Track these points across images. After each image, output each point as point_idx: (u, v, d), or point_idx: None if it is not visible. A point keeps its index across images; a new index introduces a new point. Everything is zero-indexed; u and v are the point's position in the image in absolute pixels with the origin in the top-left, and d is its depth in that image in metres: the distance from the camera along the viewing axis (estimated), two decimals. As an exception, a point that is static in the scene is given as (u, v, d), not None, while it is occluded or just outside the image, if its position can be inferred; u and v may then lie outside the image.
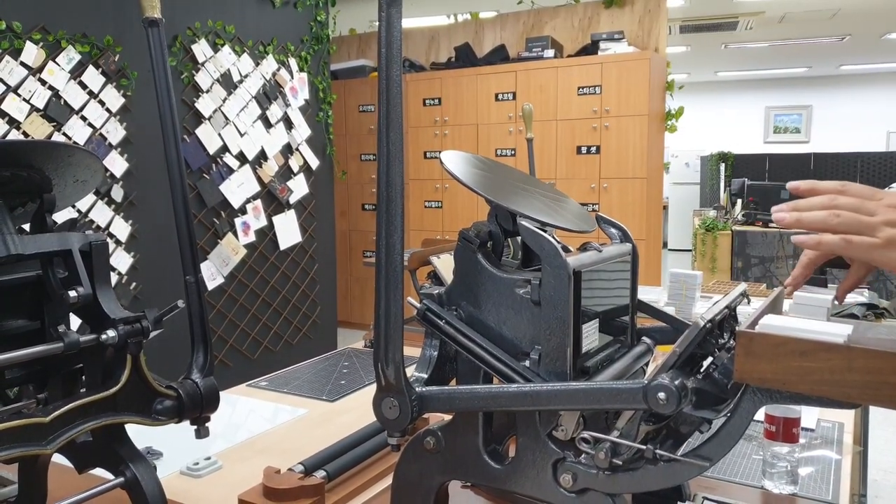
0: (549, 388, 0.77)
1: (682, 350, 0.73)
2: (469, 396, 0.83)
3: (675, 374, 0.71)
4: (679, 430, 0.80)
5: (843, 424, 1.33)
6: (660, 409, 0.70)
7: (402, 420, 0.82)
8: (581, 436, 0.79)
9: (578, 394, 0.76)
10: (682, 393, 0.69)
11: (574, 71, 4.71)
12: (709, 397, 0.74)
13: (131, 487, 0.82)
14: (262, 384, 1.64)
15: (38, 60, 2.74)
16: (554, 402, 0.77)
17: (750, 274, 5.53)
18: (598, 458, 0.77)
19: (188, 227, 0.92)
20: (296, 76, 3.95)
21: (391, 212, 0.78)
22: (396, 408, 0.82)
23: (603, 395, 0.75)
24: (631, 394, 0.72)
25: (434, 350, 0.91)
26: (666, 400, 0.70)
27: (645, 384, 0.71)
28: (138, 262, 3.13)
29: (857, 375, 0.63)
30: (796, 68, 10.23)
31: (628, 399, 0.73)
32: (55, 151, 0.82)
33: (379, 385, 0.83)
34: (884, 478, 3.13)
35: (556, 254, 0.79)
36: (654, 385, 0.70)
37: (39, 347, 0.79)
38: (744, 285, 0.92)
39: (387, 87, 0.76)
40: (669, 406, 0.70)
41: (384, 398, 0.83)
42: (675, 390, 0.69)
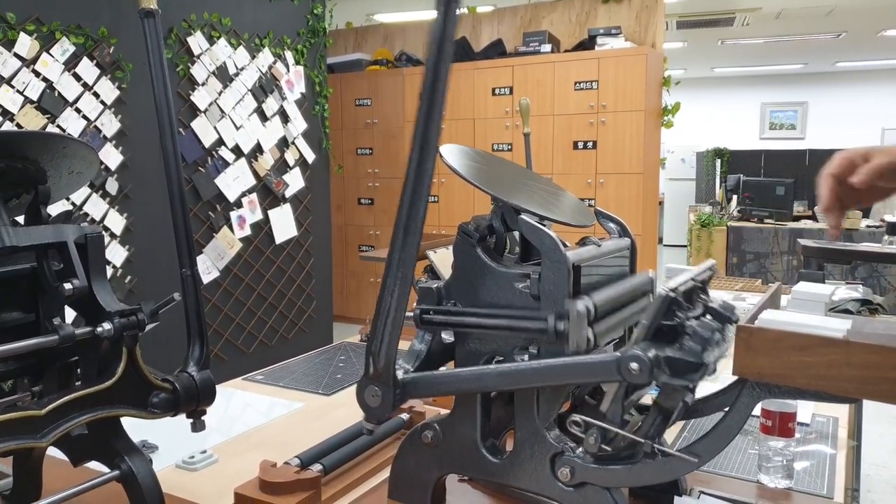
0: (528, 366, 0.78)
1: (650, 322, 0.74)
2: (451, 379, 0.83)
3: (647, 346, 0.72)
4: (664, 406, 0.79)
5: (838, 419, 1.33)
6: (633, 379, 0.71)
7: (383, 409, 0.83)
8: (572, 418, 0.79)
9: (556, 369, 0.77)
10: (654, 363, 0.70)
11: (571, 66, 4.70)
12: (683, 365, 0.73)
13: (127, 481, 0.82)
14: (257, 378, 1.64)
15: (31, 52, 2.72)
16: (533, 380, 0.79)
17: (745, 269, 5.55)
18: (587, 443, 0.78)
19: (184, 220, 0.92)
20: (292, 69, 3.93)
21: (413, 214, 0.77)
22: (379, 397, 0.83)
23: (579, 370, 0.76)
24: (605, 366, 0.73)
25: (424, 345, 0.91)
26: (639, 370, 0.71)
27: (618, 356, 0.72)
28: (133, 255, 3.12)
29: (856, 370, 0.63)
30: (792, 65, 10.24)
31: (603, 372, 0.74)
32: (50, 142, 0.81)
33: (366, 372, 0.83)
34: (876, 472, 3.15)
35: (556, 248, 0.79)
36: (627, 356, 0.71)
37: (34, 340, 0.78)
38: (712, 261, 0.92)
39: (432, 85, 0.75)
40: (642, 376, 0.71)
41: (368, 385, 0.83)
42: (648, 361, 0.70)
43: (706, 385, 1.55)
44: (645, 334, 0.74)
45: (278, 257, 3.90)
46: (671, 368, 0.71)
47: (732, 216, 5.97)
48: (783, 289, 0.93)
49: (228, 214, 3.58)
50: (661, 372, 0.71)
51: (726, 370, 1.66)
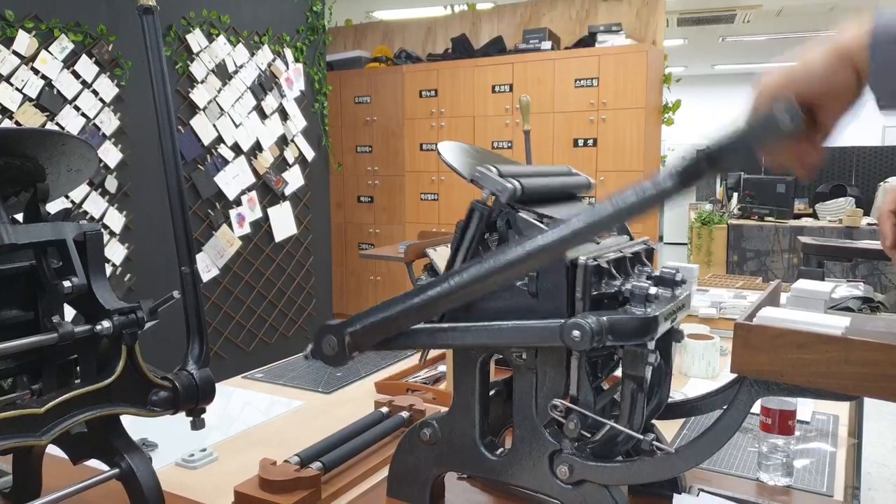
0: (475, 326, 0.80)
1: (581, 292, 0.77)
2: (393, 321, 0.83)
3: (586, 314, 0.74)
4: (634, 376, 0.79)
5: (839, 417, 1.33)
6: (576, 346, 0.73)
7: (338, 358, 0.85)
8: (552, 402, 0.80)
9: (502, 330, 0.78)
10: (594, 329, 0.71)
11: (571, 63, 4.69)
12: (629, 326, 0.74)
13: (126, 479, 0.82)
14: (257, 376, 1.64)
15: (30, 49, 2.71)
16: (479, 338, 0.80)
17: (745, 268, 5.55)
18: (567, 428, 0.79)
19: (184, 218, 0.91)
20: (291, 67, 3.93)
21: None
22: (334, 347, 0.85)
23: (524, 333, 0.77)
24: (549, 331, 0.75)
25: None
26: (580, 337, 0.72)
27: (562, 322, 0.74)
28: (133, 253, 3.12)
29: (855, 367, 0.63)
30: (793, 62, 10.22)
31: (546, 336, 0.75)
32: (48, 140, 0.81)
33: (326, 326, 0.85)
34: (877, 470, 3.15)
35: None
36: (570, 323, 0.73)
37: (33, 338, 0.78)
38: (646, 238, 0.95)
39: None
40: (584, 342, 0.72)
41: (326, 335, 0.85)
42: (589, 327, 0.71)
43: (705, 384, 1.54)
44: (582, 305, 0.76)
45: (278, 255, 3.90)
46: (617, 332, 0.73)
47: (733, 214, 5.96)
48: (783, 286, 0.93)
49: (228, 212, 3.58)
50: (605, 337, 0.72)
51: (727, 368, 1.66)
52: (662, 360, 0.85)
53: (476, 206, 0.84)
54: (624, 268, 0.85)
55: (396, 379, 1.54)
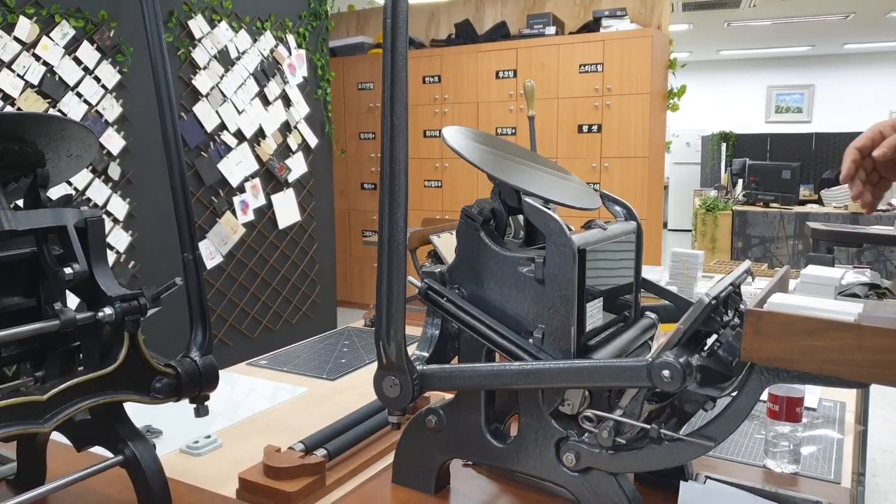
0: (552, 366, 0.77)
1: (686, 327, 0.72)
2: (471, 374, 0.82)
3: (679, 352, 0.70)
4: (683, 409, 0.80)
5: (845, 404, 1.32)
6: (664, 386, 0.70)
7: (403, 399, 0.82)
8: (584, 414, 0.78)
9: (582, 372, 0.75)
10: (686, 371, 0.69)
11: (576, 48, 4.66)
12: (713, 375, 0.73)
13: (130, 466, 0.81)
14: (261, 363, 1.64)
15: (31, 35, 2.69)
16: (557, 381, 0.77)
17: (750, 254, 5.53)
18: (601, 436, 0.77)
19: (186, 204, 0.91)
20: (294, 53, 3.90)
21: (395, 189, 0.76)
22: (398, 386, 0.81)
23: (607, 374, 0.74)
24: (635, 372, 0.72)
25: (436, 329, 0.90)
26: (671, 377, 0.69)
27: (649, 362, 0.70)
28: (136, 240, 3.11)
29: (867, 354, 0.62)
30: (799, 47, 10.13)
31: (632, 377, 0.72)
32: (48, 125, 0.80)
33: (380, 363, 0.82)
34: (882, 457, 3.15)
35: (561, 231, 0.78)
36: (659, 363, 0.70)
37: (35, 325, 0.77)
38: (748, 263, 0.91)
39: (392, 60, 0.74)
40: (674, 384, 0.69)
41: (385, 376, 0.82)
42: (680, 368, 0.69)
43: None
44: (679, 339, 0.72)
45: (282, 242, 3.89)
46: (702, 377, 0.70)
47: (738, 200, 5.93)
48: (791, 272, 0.92)
49: (231, 199, 3.57)
50: (691, 380, 0.70)
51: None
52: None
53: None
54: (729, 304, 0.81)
55: (401, 366, 1.53)
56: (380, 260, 0.78)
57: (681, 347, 0.72)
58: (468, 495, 0.93)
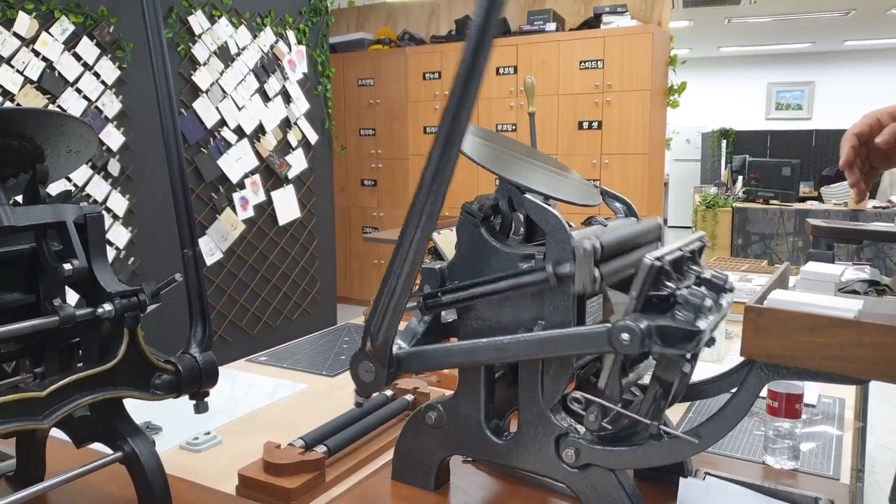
0: (519, 339, 0.78)
1: (637, 292, 0.73)
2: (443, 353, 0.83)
3: (636, 316, 0.72)
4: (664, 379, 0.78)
5: (845, 400, 1.32)
6: (624, 349, 0.71)
7: (375, 385, 0.84)
8: (573, 395, 0.78)
9: (547, 342, 0.77)
10: (645, 333, 0.70)
11: (576, 45, 4.65)
12: (675, 335, 0.72)
13: (130, 462, 0.81)
14: (261, 359, 1.64)
15: (31, 31, 2.69)
16: (524, 352, 0.78)
17: (750, 251, 5.53)
18: (587, 420, 0.78)
19: (185, 199, 0.90)
20: (294, 49, 3.89)
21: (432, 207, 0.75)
22: (373, 374, 0.83)
23: (570, 341, 0.76)
24: (596, 337, 0.73)
25: (422, 325, 0.90)
26: (629, 340, 0.70)
27: (609, 327, 0.72)
28: (136, 237, 3.11)
29: (868, 351, 0.62)
30: (799, 44, 10.12)
31: (594, 343, 0.74)
32: (47, 120, 0.80)
33: (362, 348, 0.83)
34: (881, 453, 3.16)
35: (561, 228, 0.78)
36: (618, 326, 0.71)
37: (35, 321, 0.77)
38: (702, 233, 0.91)
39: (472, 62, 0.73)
40: (633, 346, 0.70)
41: (363, 360, 0.83)
42: (639, 330, 0.70)
43: (713, 366, 1.54)
44: (635, 305, 0.73)
45: (282, 239, 3.89)
46: (663, 338, 0.71)
47: (738, 197, 5.93)
48: (791, 269, 0.92)
49: (231, 196, 3.57)
50: (652, 342, 0.71)
51: (732, 351, 1.65)
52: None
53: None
54: (680, 268, 0.81)
55: (400, 362, 1.54)
56: (395, 264, 0.78)
57: (641, 313, 0.73)
58: (468, 492, 0.93)
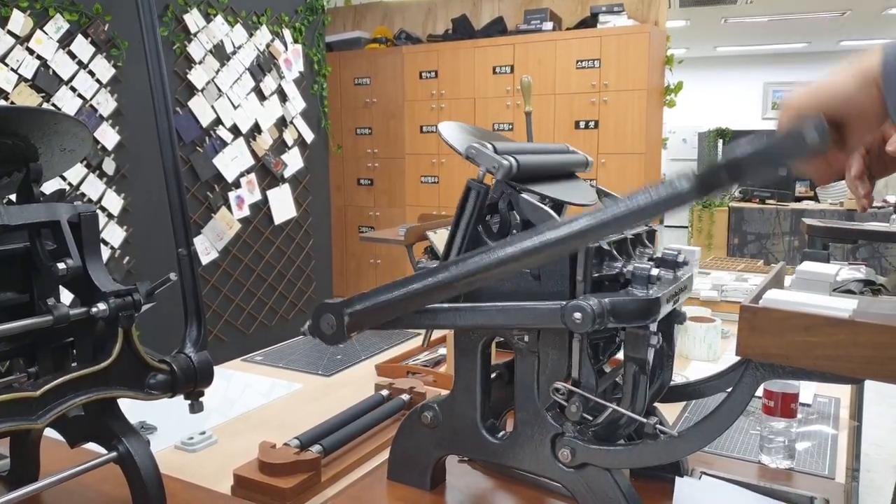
0: (476, 306, 0.79)
1: (581, 275, 0.75)
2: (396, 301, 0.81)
3: (588, 296, 0.73)
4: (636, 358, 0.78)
5: (840, 399, 1.33)
6: (577, 328, 0.72)
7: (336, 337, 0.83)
8: (554, 385, 0.79)
9: (502, 311, 0.77)
10: (596, 311, 0.71)
11: (573, 44, 4.65)
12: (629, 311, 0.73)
13: (124, 462, 0.81)
14: (257, 359, 1.63)
15: (25, 29, 2.68)
16: (477, 319, 0.79)
17: (746, 251, 5.54)
18: (569, 411, 0.78)
19: (180, 198, 0.90)
20: (290, 48, 3.89)
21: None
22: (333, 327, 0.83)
23: (524, 314, 0.76)
24: (550, 314, 0.74)
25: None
26: (581, 319, 0.71)
27: (563, 305, 0.73)
28: (131, 236, 3.10)
29: (863, 350, 0.62)
30: (795, 44, 10.14)
31: (548, 318, 0.75)
32: (41, 118, 0.79)
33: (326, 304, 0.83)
34: (875, 452, 3.17)
35: (557, 227, 0.78)
36: (571, 305, 0.72)
37: (28, 320, 0.77)
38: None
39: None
40: (585, 325, 0.71)
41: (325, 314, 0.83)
42: (590, 309, 0.71)
43: (708, 366, 1.54)
44: (583, 287, 0.75)
45: (277, 238, 3.89)
46: (617, 313, 0.72)
47: (734, 197, 5.94)
48: (786, 269, 0.92)
49: (227, 195, 3.56)
50: (606, 319, 0.72)
51: (728, 351, 1.65)
52: (665, 342, 0.84)
53: (472, 184, 0.82)
54: (626, 250, 0.84)
55: (397, 361, 1.54)
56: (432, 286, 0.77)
57: (594, 292, 0.75)
58: (464, 491, 0.92)
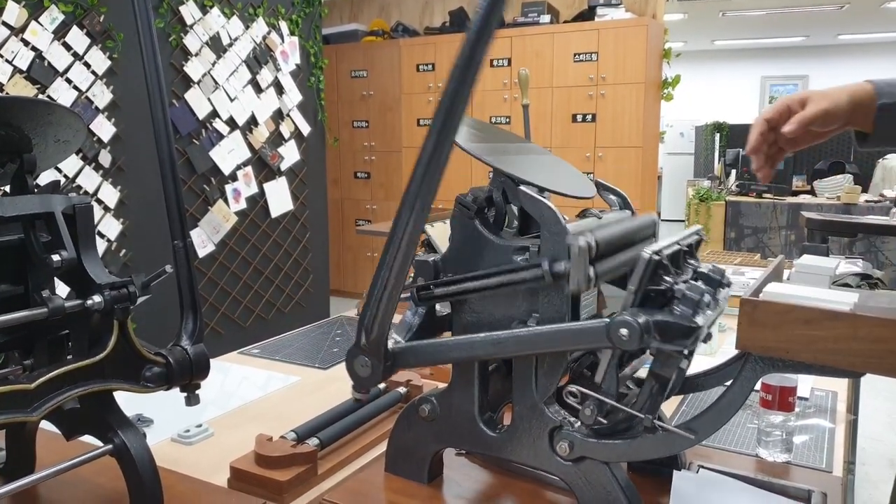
0: (515, 334, 0.77)
1: (636, 287, 0.73)
2: (441, 347, 0.82)
3: (635, 311, 0.71)
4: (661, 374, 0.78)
5: (837, 393, 1.33)
6: (623, 345, 0.70)
7: (372, 379, 0.83)
8: (568, 389, 0.78)
9: (546, 336, 0.76)
10: (643, 328, 0.69)
11: (570, 37, 4.63)
12: (674, 330, 0.72)
13: (120, 455, 0.81)
14: (253, 352, 1.63)
15: (20, 20, 2.66)
16: (521, 348, 0.77)
17: (743, 244, 5.54)
18: (583, 414, 0.77)
19: (176, 191, 0.89)
20: (286, 40, 3.87)
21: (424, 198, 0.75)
22: (369, 367, 0.82)
23: (568, 336, 0.75)
24: (594, 332, 0.72)
25: (417, 318, 0.90)
26: (628, 335, 0.70)
27: (608, 321, 0.71)
28: (128, 228, 3.09)
29: (863, 344, 0.61)
30: (793, 37, 10.13)
31: (592, 338, 0.73)
32: (34, 109, 0.79)
33: (357, 342, 0.82)
34: (871, 446, 3.18)
35: (556, 220, 0.77)
36: (617, 322, 0.70)
37: (23, 312, 0.76)
38: (698, 226, 0.91)
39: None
40: (632, 342, 0.70)
41: (358, 356, 0.82)
42: (637, 326, 0.69)
43: (707, 359, 1.54)
44: (633, 300, 0.72)
45: (274, 231, 3.88)
46: (662, 333, 0.70)
47: (731, 191, 5.94)
48: (784, 263, 0.91)
49: (223, 187, 3.55)
50: (651, 337, 0.70)
51: (726, 344, 1.65)
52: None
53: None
54: (678, 262, 0.80)
55: (394, 355, 1.53)
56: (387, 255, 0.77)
57: (639, 307, 0.72)
58: (461, 484, 0.92)
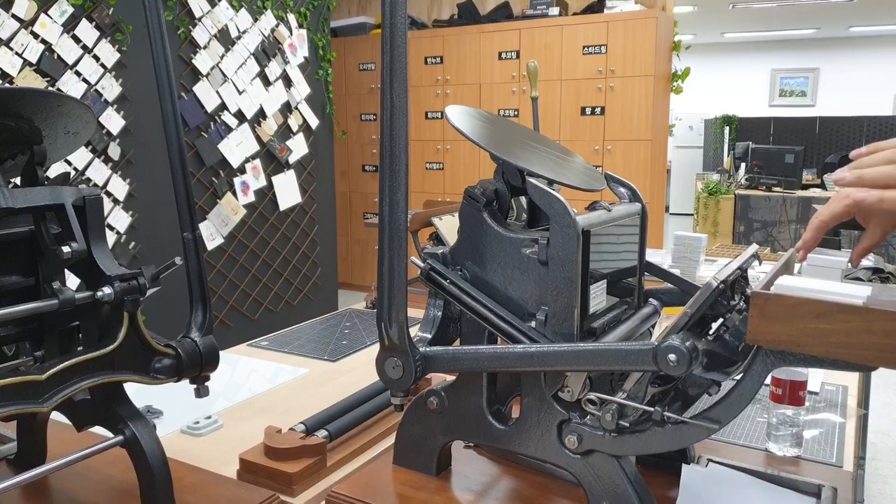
0: (556, 349, 0.76)
1: (693, 311, 0.71)
2: (474, 357, 0.81)
3: (685, 336, 0.70)
4: (687, 393, 0.79)
5: (847, 388, 1.32)
6: (670, 370, 0.69)
7: (405, 380, 0.81)
8: (588, 397, 0.77)
9: (586, 355, 0.74)
10: (692, 355, 0.68)
11: (579, 29, 4.61)
12: (719, 359, 0.72)
13: (130, 446, 0.81)
14: (262, 344, 1.63)
15: (29, 13, 2.66)
16: (561, 363, 0.76)
17: (752, 238, 5.51)
18: (604, 419, 0.76)
19: (185, 183, 0.89)
20: (295, 33, 3.86)
21: (395, 168, 0.75)
22: (400, 367, 0.81)
23: (612, 357, 0.73)
24: (641, 355, 0.71)
25: (438, 310, 0.89)
26: (677, 361, 0.68)
27: (655, 345, 0.70)
28: (137, 221, 3.11)
29: (876, 338, 0.61)
30: (804, 30, 10.03)
31: (638, 360, 0.72)
32: (44, 101, 0.79)
33: (382, 345, 0.82)
34: (881, 440, 3.16)
35: (565, 212, 0.77)
36: (665, 346, 0.69)
37: (34, 304, 0.77)
38: (755, 247, 0.89)
39: (391, 35, 0.72)
40: (680, 368, 0.68)
41: (387, 358, 0.81)
42: (686, 352, 0.68)
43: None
44: (686, 323, 0.71)
45: (283, 224, 3.88)
46: (707, 362, 0.69)
47: (740, 184, 5.91)
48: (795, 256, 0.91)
49: (232, 180, 3.56)
50: (697, 364, 0.69)
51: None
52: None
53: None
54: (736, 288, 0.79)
55: (402, 348, 1.53)
56: (381, 240, 0.77)
57: (687, 331, 0.71)
58: (469, 477, 0.92)
